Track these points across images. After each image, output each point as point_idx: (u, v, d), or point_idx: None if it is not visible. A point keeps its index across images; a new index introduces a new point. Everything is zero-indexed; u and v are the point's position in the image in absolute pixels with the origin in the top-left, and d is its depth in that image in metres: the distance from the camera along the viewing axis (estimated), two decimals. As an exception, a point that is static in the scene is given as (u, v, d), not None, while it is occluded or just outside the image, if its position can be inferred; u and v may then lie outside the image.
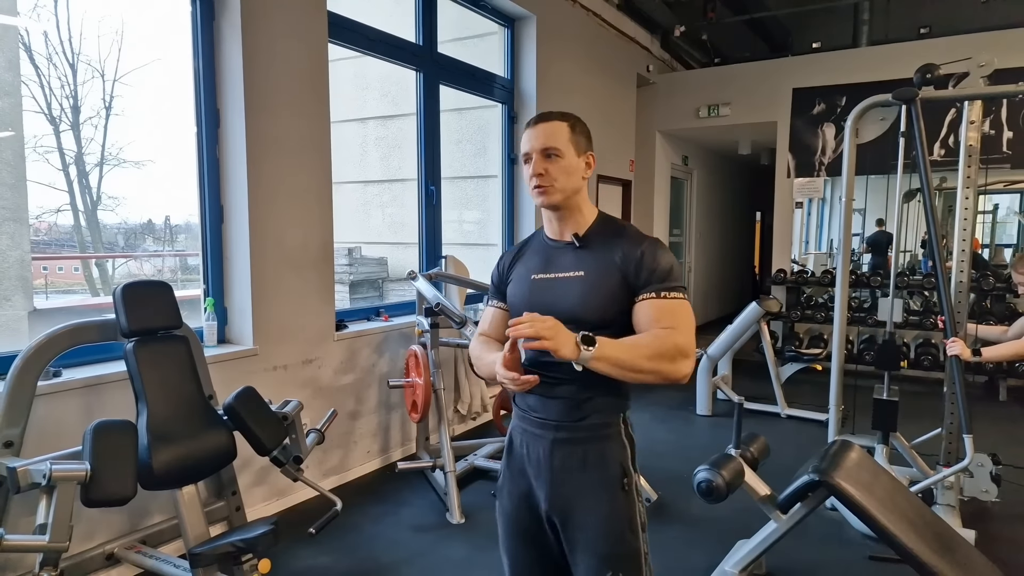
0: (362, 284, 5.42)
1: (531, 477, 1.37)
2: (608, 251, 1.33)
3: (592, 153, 1.40)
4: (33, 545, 1.82)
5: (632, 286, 1.29)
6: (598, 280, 1.31)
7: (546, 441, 1.34)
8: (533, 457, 1.36)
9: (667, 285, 1.29)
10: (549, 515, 1.35)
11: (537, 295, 1.36)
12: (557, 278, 1.35)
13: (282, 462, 2.45)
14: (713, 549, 2.56)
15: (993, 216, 6.93)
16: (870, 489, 2.05)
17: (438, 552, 2.71)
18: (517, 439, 1.41)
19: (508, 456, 1.44)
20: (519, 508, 1.40)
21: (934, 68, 2.91)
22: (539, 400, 1.36)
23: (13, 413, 2.09)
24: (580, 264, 1.34)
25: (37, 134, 3.47)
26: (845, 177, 3.20)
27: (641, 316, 1.28)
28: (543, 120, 1.36)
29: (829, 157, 6.20)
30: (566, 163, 1.33)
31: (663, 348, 1.22)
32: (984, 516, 2.98)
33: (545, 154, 1.33)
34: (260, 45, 2.90)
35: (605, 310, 1.29)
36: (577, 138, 1.36)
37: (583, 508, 1.31)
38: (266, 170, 2.95)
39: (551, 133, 1.34)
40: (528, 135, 1.36)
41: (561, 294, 1.33)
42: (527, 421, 1.39)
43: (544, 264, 1.39)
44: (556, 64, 5.07)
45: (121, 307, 2.20)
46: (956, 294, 2.95)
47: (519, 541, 1.42)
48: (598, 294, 1.30)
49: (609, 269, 1.31)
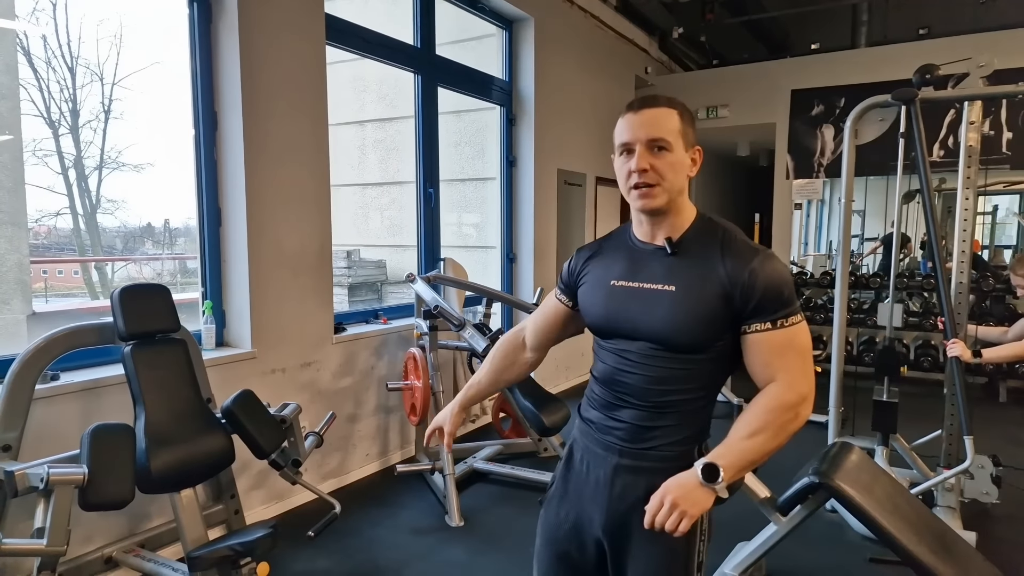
0: (361, 287, 5.42)
1: (587, 497, 1.25)
2: (708, 264, 1.13)
3: (699, 148, 1.21)
4: (31, 549, 1.81)
5: (738, 311, 1.11)
6: (693, 298, 1.12)
7: (608, 465, 1.21)
8: (592, 478, 1.23)
9: (783, 312, 1.11)
10: (600, 541, 1.23)
11: (617, 306, 1.19)
12: (642, 289, 1.17)
13: (280, 465, 2.45)
14: (713, 551, 2.51)
15: (993, 217, 6.94)
16: (870, 491, 2.04)
17: (437, 555, 2.70)
18: (578, 454, 1.28)
19: (566, 469, 1.31)
20: (564, 524, 1.28)
21: (933, 68, 2.91)
22: (603, 418, 1.23)
23: (11, 416, 2.08)
24: (672, 276, 1.15)
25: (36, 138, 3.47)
26: (844, 178, 3.20)
27: (752, 356, 1.13)
28: (649, 105, 1.15)
29: (828, 158, 6.20)
30: (675, 158, 1.14)
31: (779, 419, 1.09)
32: (985, 518, 2.98)
33: (652, 146, 1.13)
34: (258, 48, 2.90)
35: (698, 335, 1.12)
36: (686, 129, 1.16)
37: (639, 541, 1.18)
38: (264, 173, 2.95)
39: (659, 122, 1.13)
40: (630, 122, 1.15)
41: (646, 309, 1.15)
42: (589, 438, 1.26)
43: (628, 269, 1.20)
44: (554, 66, 5.07)
45: (119, 310, 2.19)
46: (956, 295, 2.95)
47: (554, 557, 1.31)
48: (691, 316, 1.12)
49: (708, 286, 1.12)
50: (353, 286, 5.33)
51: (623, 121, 1.17)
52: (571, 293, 1.34)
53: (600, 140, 5.84)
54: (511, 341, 1.45)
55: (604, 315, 1.22)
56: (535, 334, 1.42)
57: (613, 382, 1.21)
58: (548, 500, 1.34)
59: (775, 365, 1.11)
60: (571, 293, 1.34)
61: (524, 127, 4.89)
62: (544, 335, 1.41)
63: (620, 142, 1.17)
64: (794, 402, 1.10)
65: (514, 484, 3.37)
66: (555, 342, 1.43)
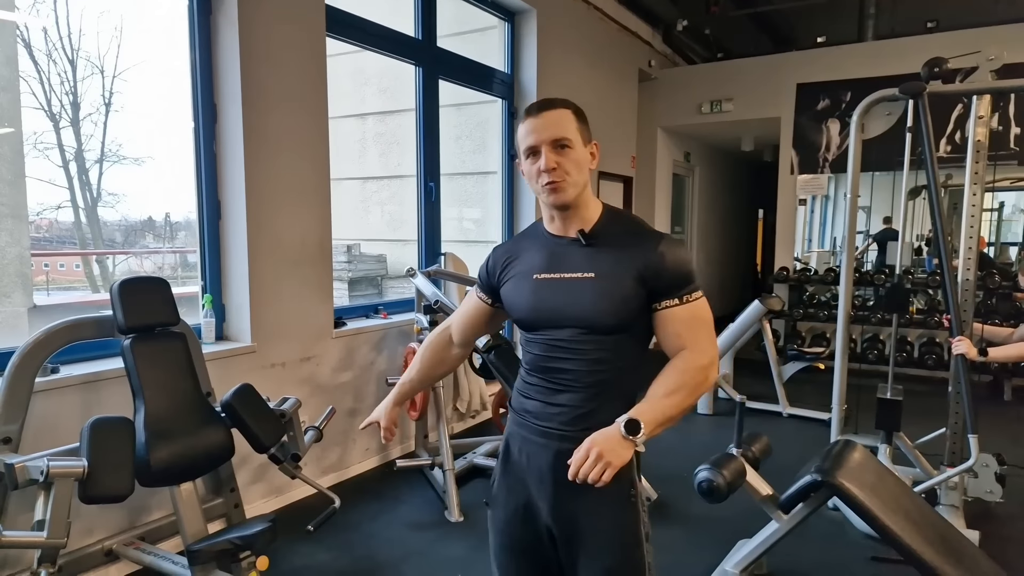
0: (361, 281, 5.40)
1: (531, 488, 1.30)
2: (620, 249, 1.23)
3: (596, 143, 1.29)
4: (31, 541, 1.81)
5: (650, 290, 1.22)
6: (611, 282, 1.22)
7: (549, 452, 1.26)
8: (534, 467, 1.29)
9: (688, 289, 1.22)
10: (550, 528, 1.29)
11: (542, 298, 1.27)
12: (564, 279, 1.25)
13: (280, 459, 2.44)
14: (714, 549, 2.54)
15: (999, 214, 6.89)
16: (873, 489, 2.03)
17: (436, 550, 2.70)
18: (515, 447, 1.33)
19: (504, 464, 1.36)
20: (514, 520, 1.33)
21: (942, 62, 2.88)
22: (540, 406, 1.28)
23: (11, 409, 2.08)
24: (590, 264, 1.24)
25: (37, 130, 3.45)
26: (850, 173, 3.17)
27: (664, 328, 1.23)
28: (548, 107, 1.23)
29: (833, 153, 6.15)
30: (576, 155, 1.23)
31: (692, 379, 1.19)
32: (988, 517, 2.96)
33: (556, 146, 1.21)
34: (257, 39, 2.88)
35: (619, 315, 1.21)
36: (582, 126, 1.25)
37: (588, 521, 1.25)
38: (264, 166, 2.94)
39: (560, 122, 1.22)
40: (532, 126, 1.22)
41: (570, 297, 1.24)
42: (526, 428, 1.31)
43: (548, 263, 1.28)
44: (557, 59, 5.04)
45: (118, 303, 2.19)
46: (962, 292, 2.92)
47: (512, 555, 1.36)
48: (612, 298, 1.21)
49: (622, 270, 1.22)
50: (353, 280, 5.32)
51: (525, 126, 1.24)
52: (491, 292, 1.41)
53: (603, 135, 5.81)
54: (439, 339, 1.52)
55: (531, 307, 1.28)
56: (460, 332, 1.49)
57: (548, 370, 1.28)
58: (493, 498, 1.39)
59: (684, 335, 1.22)
60: (491, 292, 1.41)
61: (526, 121, 4.86)
62: (468, 332, 1.48)
63: (526, 146, 1.24)
64: (704, 364, 1.21)
65: (515, 479, 3.37)
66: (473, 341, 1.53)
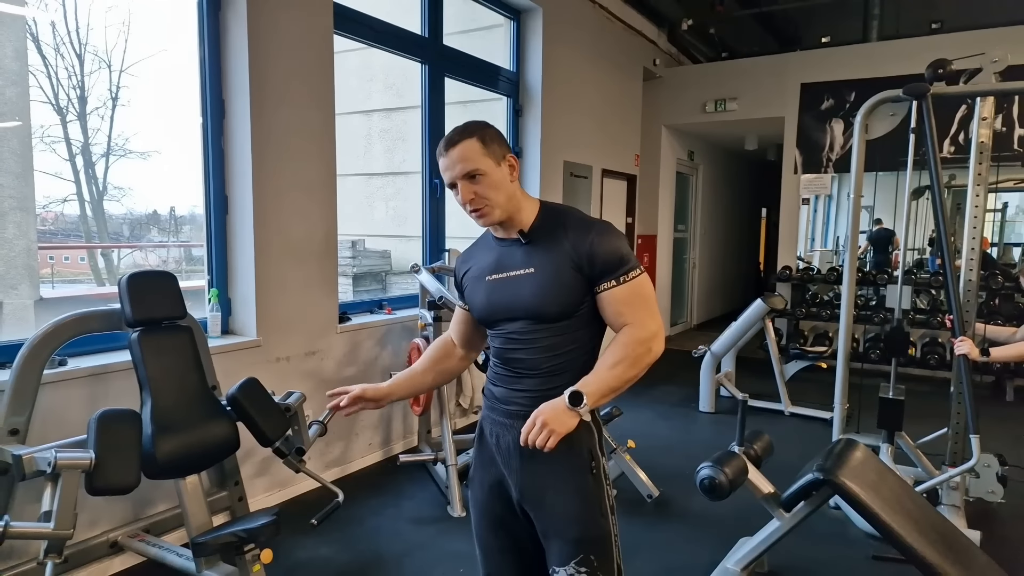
0: (365, 277, 5.42)
1: (501, 466, 1.39)
2: (556, 243, 1.32)
3: (511, 154, 1.35)
4: (38, 532, 1.82)
5: (588, 276, 1.30)
6: (550, 274, 1.31)
7: (514, 431, 1.33)
8: (503, 446, 1.38)
9: (624, 269, 1.30)
10: (520, 503, 1.37)
11: (495, 296, 1.37)
12: (509, 277, 1.35)
13: (284, 453, 2.45)
14: (715, 546, 2.55)
15: (1003, 214, 6.88)
16: (875, 488, 2.04)
17: (439, 545, 2.72)
18: (487, 429, 1.43)
19: (479, 446, 1.46)
20: (490, 497, 1.43)
21: (946, 63, 2.88)
22: (505, 392, 1.38)
23: (19, 401, 2.09)
24: (530, 260, 1.34)
25: (44, 124, 3.47)
26: (854, 173, 3.17)
27: (607, 309, 1.31)
28: (453, 144, 1.31)
29: (837, 153, 6.15)
30: (491, 179, 1.30)
31: (634, 352, 1.27)
32: (990, 517, 2.96)
33: (467, 177, 1.30)
34: (266, 36, 2.89)
35: (563, 303, 1.30)
36: (490, 149, 1.31)
37: (553, 494, 1.33)
38: (271, 161, 2.95)
39: (465, 155, 1.29)
40: (443, 164, 1.32)
41: (516, 292, 1.33)
42: (495, 411, 1.41)
43: (495, 264, 1.39)
44: (562, 57, 5.04)
45: (126, 296, 2.20)
46: (965, 293, 2.93)
47: (490, 529, 1.44)
48: (552, 288, 1.30)
49: (560, 261, 1.31)
50: (358, 276, 5.33)
51: (440, 163, 1.34)
52: (463, 297, 1.51)
53: (607, 133, 5.81)
54: (440, 344, 1.59)
55: (486, 306, 1.39)
56: (459, 340, 1.57)
57: (508, 360, 1.38)
58: (471, 479, 1.49)
59: (626, 313, 1.30)
60: (463, 297, 1.51)
61: (531, 118, 4.87)
62: (467, 339, 1.56)
63: (446, 181, 1.35)
64: (646, 337, 1.28)
65: (517, 475, 3.38)
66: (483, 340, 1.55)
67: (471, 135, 1.31)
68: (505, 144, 1.36)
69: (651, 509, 3.03)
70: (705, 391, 4.72)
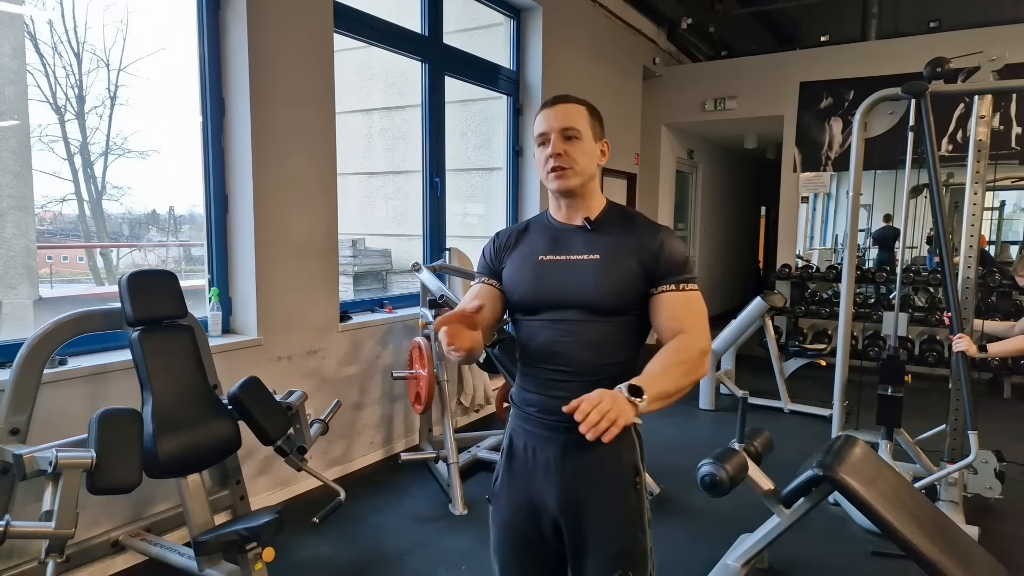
0: (366, 276, 5.42)
1: (538, 481, 1.30)
2: (623, 236, 1.29)
3: (607, 141, 1.36)
4: (39, 532, 1.83)
5: (650, 275, 1.26)
6: (614, 265, 1.26)
7: (557, 445, 1.28)
8: (541, 461, 1.30)
9: (684, 277, 1.27)
10: (556, 519, 1.30)
11: (546, 277, 1.29)
12: (569, 260, 1.29)
13: (286, 452, 2.46)
14: (715, 543, 2.56)
15: (1000, 213, 6.89)
16: (874, 485, 2.04)
17: (440, 543, 2.72)
18: (520, 442, 1.34)
19: (509, 460, 1.36)
20: (518, 516, 1.34)
21: (944, 62, 2.88)
22: (542, 399, 1.29)
23: (19, 401, 2.09)
24: (594, 247, 1.28)
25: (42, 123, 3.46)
26: (853, 172, 3.18)
27: (661, 311, 1.26)
28: (562, 101, 1.31)
29: (836, 152, 6.16)
30: (585, 146, 1.29)
31: (691, 359, 1.20)
32: (988, 513, 2.98)
33: (564, 135, 1.27)
34: (265, 35, 2.88)
35: (620, 296, 1.25)
36: (594, 123, 1.32)
37: (596, 509, 1.28)
38: (271, 160, 2.95)
39: (571, 114, 1.29)
40: (545, 115, 1.30)
41: (573, 277, 1.27)
42: (531, 422, 1.32)
43: (552, 245, 1.32)
44: (562, 56, 5.04)
45: (127, 296, 2.20)
46: (963, 290, 2.94)
47: (514, 550, 1.36)
48: (614, 280, 1.25)
49: (625, 254, 1.26)
50: (358, 275, 5.33)
51: (540, 116, 1.32)
52: (495, 275, 1.39)
53: (607, 131, 5.77)
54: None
55: (534, 287, 1.30)
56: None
57: (549, 356, 1.28)
58: (496, 495, 1.38)
59: (682, 319, 1.25)
60: (495, 275, 1.39)
61: (531, 117, 4.86)
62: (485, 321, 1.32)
63: (538, 132, 1.31)
64: (703, 349, 1.24)
65: (517, 474, 3.39)
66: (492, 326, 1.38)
67: (583, 103, 1.32)
68: (604, 131, 1.36)
69: (652, 506, 3.02)
70: (705, 389, 4.73)
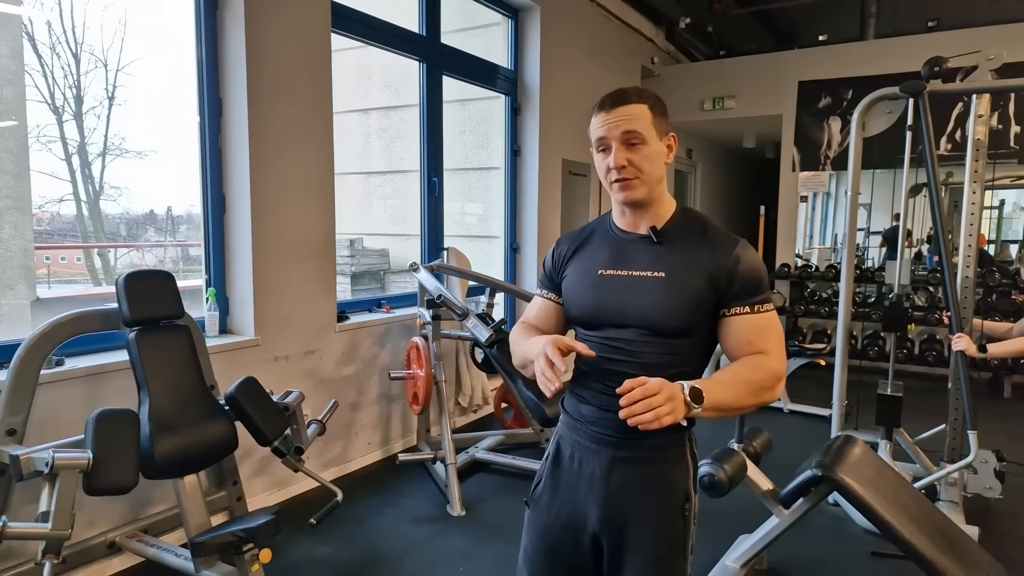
0: (364, 275, 5.41)
1: (581, 494, 1.25)
2: (693, 251, 1.19)
3: (674, 134, 1.23)
4: (35, 533, 1.82)
5: (721, 295, 1.16)
6: (681, 283, 1.16)
7: (604, 459, 1.22)
8: (587, 473, 1.24)
9: (760, 298, 1.18)
10: (596, 535, 1.24)
11: (606, 294, 1.21)
12: (632, 276, 1.19)
13: (283, 452, 2.45)
14: (714, 543, 2.55)
15: (1000, 212, 6.90)
16: (873, 485, 2.04)
17: (438, 544, 2.72)
18: (567, 451, 1.28)
19: (554, 467, 1.30)
20: (555, 524, 1.28)
21: (942, 61, 2.88)
22: (596, 412, 1.22)
23: (16, 401, 2.09)
24: (660, 263, 1.19)
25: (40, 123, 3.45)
26: (851, 171, 3.18)
27: (734, 335, 1.17)
28: (621, 102, 1.17)
29: (835, 151, 6.16)
30: (650, 150, 1.17)
31: (763, 380, 1.13)
32: (988, 513, 2.98)
33: (627, 142, 1.16)
34: (263, 35, 2.88)
35: (686, 318, 1.16)
36: (659, 121, 1.19)
37: (638, 531, 1.20)
38: (269, 160, 2.94)
39: (633, 116, 1.16)
40: (604, 119, 1.17)
41: (636, 296, 1.18)
42: (581, 433, 1.26)
43: (615, 259, 1.22)
44: (560, 55, 5.04)
45: (124, 296, 2.19)
46: (962, 290, 2.93)
47: (547, 559, 1.30)
48: (680, 300, 1.15)
49: (694, 272, 1.17)
50: (356, 275, 5.33)
51: (597, 119, 1.20)
52: (556, 289, 1.33)
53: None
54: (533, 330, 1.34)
55: (593, 304, 1.23)
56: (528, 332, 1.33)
57: (604, 373, 1.20)
58: (536, 500, 1.32)
59: (759, 343, 1.16)
60: (556, 289, 1.33)
61: (529, 116, 4.87)
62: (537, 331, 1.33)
63: (596, 137, 1.20)
64: (779, 373, 1.16)
65: (515, 474, 3.38)
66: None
67: (645, 100, 1.18)
68: (668, 122, 1.22)
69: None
70: (704, 389, 4.72)
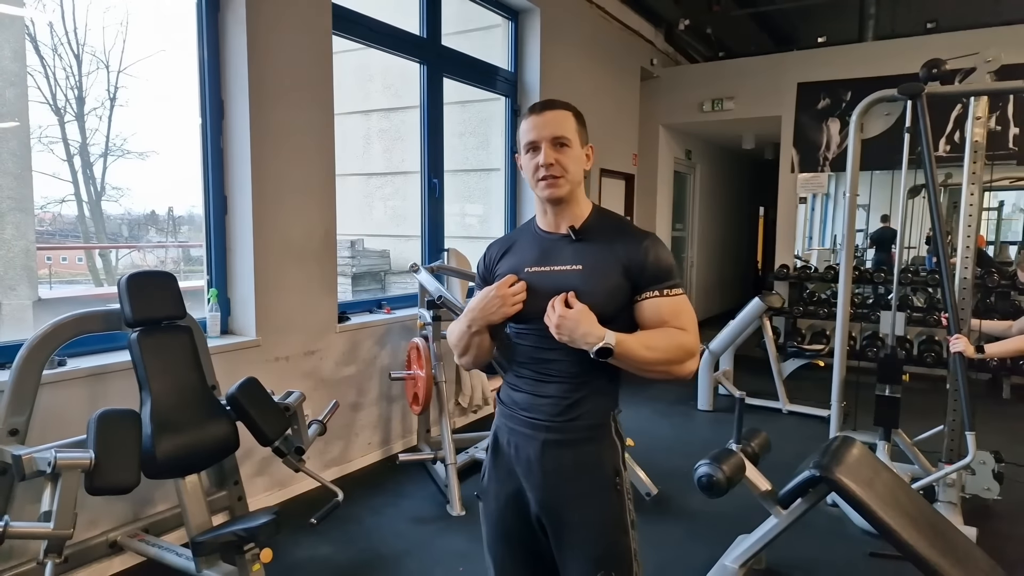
0: (364, 276, 5.42)
1: (520, 478, 1.34)
2: (607, 245, 1.30)
3: (591, 146, 1.37)
4: (37, 532, 1.83)
5: (635, 283, 1.28)
6: (598, 275, 1.27)
7: (536, 442, 1.30)
8: (523, 458, 1.33)
9: (670, 283, 1.29)
10: (539, 517, 1.33)
11: (531, 289, 1.32)
12: (553, 271, 1.31)
13: (284, 452, 2.46)
14: (713, 544, 2.56)
15: (999, 213, 6.91)
16: (871, 485, 2.05)
17: (438, 544, 2.73)
18: (503, 438, 1.37)
19: (494, 456, 1.40)
20: (505, 510, 1.37)
21: (940, 63, 2.89)
22: (528, 398, 1.33)
23: (18, 401, 2.10)
24: (578, 257, 1.30)
25: (42, 124, 3.47)
26: (850, 172, 3.19)
27: (648, 315, 1.28)
28: (550, 108, 1.31)
29: (833, 152, 6.17)
30: (574, 154, 1.30)
31: (673, 348, 1.25)
32: (986, 514, 2.98)
33: (555, 143, 1.28)
34: (264, 37, 2.89)
35: (604, 306, 1.25)
36: (580, 128, 1.33)
37: (576, 510, 1.29)
38: (270, 161, 2.95)
39: (560, 122, 1.29)
40: (534, 123, 1.29)
41: (558, 288, 1.28)
42: (514, 420, 1.35)
43: (539, 257, 1.34)
44: (560, 57, 5.05)
45: (126, 297, 2.20)
46: (960, 291, 2.94)
47: (505, 543, 1.39)
48: (598, 289, 1.26)
49: (609, 264, 1.28)
50: (357, 276, 5.34)
51: (527, 122, 1.31)
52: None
53: (605, 132, 5.82)
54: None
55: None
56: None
57: (537, 361, 1.32)
58: (484, 491, 1.42)
59: (672, 322, 1.27)
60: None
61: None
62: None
63: (527, 140, 1.31)
64: (691, 349, 1.27)
65: (516, 474, 3.39)
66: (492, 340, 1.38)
67: (570, 108, 1.32)
68: (587, 135, 1.35)
69: (650, 507, 3.05)
70: (703, 389, 4.73)
